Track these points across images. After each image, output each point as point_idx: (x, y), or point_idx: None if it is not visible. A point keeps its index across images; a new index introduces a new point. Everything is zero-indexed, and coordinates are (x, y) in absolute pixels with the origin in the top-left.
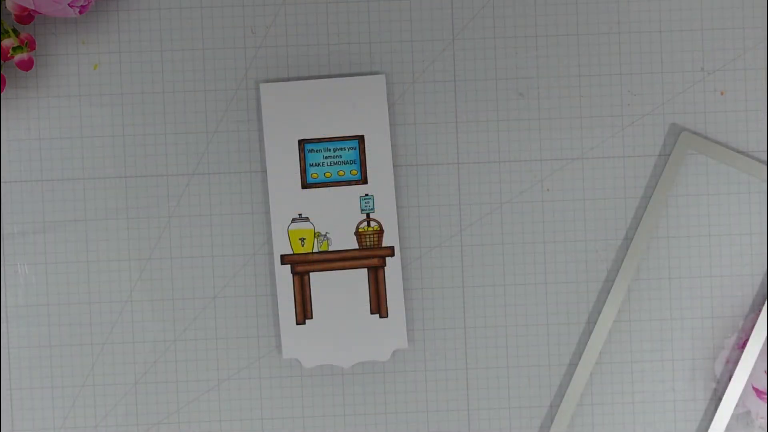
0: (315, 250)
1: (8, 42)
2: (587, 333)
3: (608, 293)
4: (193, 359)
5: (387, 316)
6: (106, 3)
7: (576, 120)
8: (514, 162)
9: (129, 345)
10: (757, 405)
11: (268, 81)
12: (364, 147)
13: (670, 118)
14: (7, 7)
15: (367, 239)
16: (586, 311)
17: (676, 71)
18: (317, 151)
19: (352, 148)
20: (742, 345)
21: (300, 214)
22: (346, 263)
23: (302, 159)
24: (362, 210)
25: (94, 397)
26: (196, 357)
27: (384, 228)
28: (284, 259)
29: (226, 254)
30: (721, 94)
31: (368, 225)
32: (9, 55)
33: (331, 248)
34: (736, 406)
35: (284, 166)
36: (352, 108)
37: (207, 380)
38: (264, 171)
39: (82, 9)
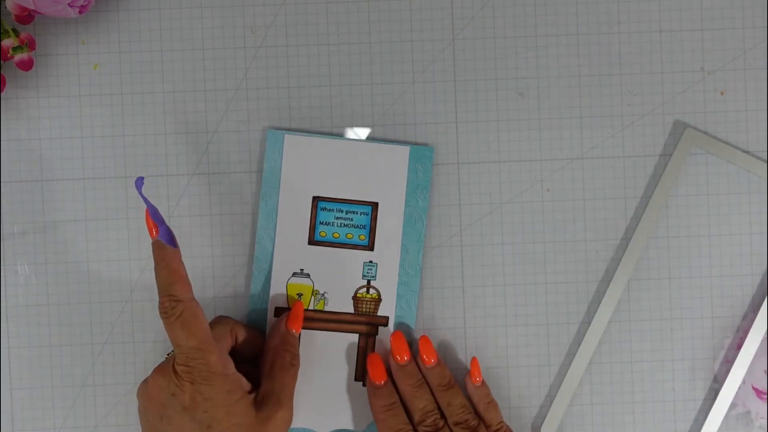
0: (311, 307)
1: (8, 42)
2: (587, 333)
3: (608, 293)
4: None
5: None
6: (106, 3)
7: (576, 120)
8: (514, 162)
9: (129, 345)
10: (757, 405)
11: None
12: (377, 214)
13: (670, 118)
14: (7, 7)
15: (364, 306)
16: (585, 311)
17: (676, 71)
18: (330, 210)
19: (364, 213)
20: (742, 345)
21: (302, 269)
22: (340, 326)
23: (313, 215)
24: (364, 276)
25: (94, 397)
26: None
27: (382, 297)
28: (278, 312)
29: (226, 254)
30: (721, 94)
31: (367, 292)
32: (9, 55)
33: (327, 308)
34: (736, 406)
35: (294, 218)
36: (371, 174)
37: None
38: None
39: (82, 9)
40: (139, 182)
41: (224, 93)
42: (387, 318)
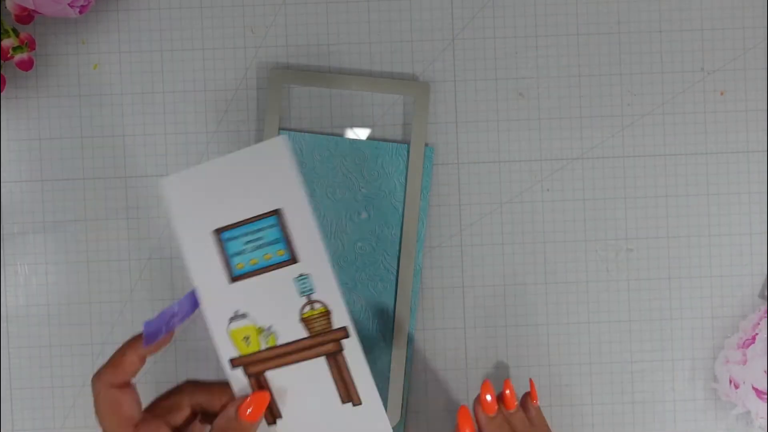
0: (263, 347)
1: (8, 42)
2: (587, 333)
3: (608, 293)
4: (193, 359)
5: (360, 403)
6: (106, 3)
7: (576, 120)
8: (514, 162)
9: None
10: (757, 405)
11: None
12: (284, 222)
13: (670, 118)
14: (7, 7)
15: (316, 324)
16: (586, 311)
17: (676, 71)
18: (236, 237)
19: (272, 226)
20: (742, 344)
21: (236, 312)
22: (300, 354)
23: (222, 250)
24: (301, 293)
25: None
26: (197, 357)
27: (330, 308)
28: (234, 362)
29: None
30: (721, 94)
31: (312, 308)
32: (9, 55)
33: (279, 342)
34: (736, 406)
35: (205, 261)
36: (257, 181)
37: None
38: None
39: (82, 9)
40: (190, 302)
41: (224, 93)
42: (345, 328)
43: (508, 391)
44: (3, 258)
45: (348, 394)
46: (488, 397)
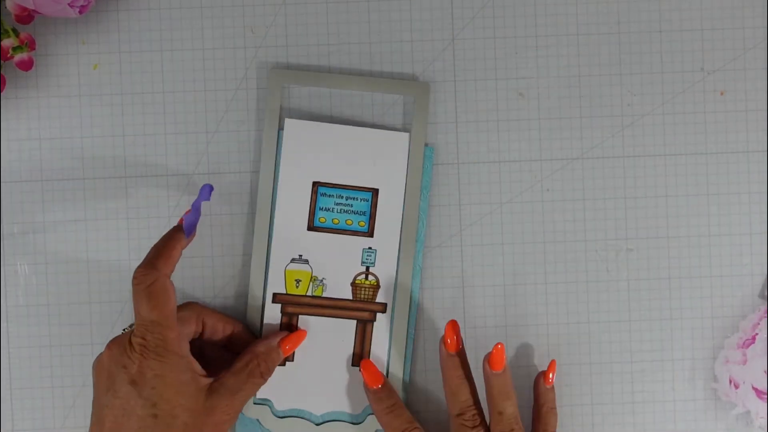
0: (309, 293)
1: (8, 42)
2: (587, 333)
3: (608, 293)
4: None
5: None
6: (106, 3)
7: (576, 120)
8: (514, 162)
9: None
10: (757, 405)
11: (291, 116)
12: (377, 201)
13: (670, 118)
14: (7, 7)
15: (362, 292)
16: (586, 311)
17: (676, 71)
18: (330, 195)
19: (364, 200)
20: (742, 344)
21: (300, 255)
22: (338, 312)
23: (313, 201)
24: (363, 262)
25: None
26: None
27: (381, 284)
28: (276, 297)
29: (226, 254)
30: (721, 94)
31: (366, 278)
32: (9, 55)
33: (325, 294)
34: (736, 406)
35: (294, 204)
36: (372, 160)
37: None
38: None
39: (82, 9)
40: (207, 190)
41: (224, 93)
42: (385, 304)
43: (496, 349)
44: (3, 258)
45: (360, 359)
46: (449, 339)
